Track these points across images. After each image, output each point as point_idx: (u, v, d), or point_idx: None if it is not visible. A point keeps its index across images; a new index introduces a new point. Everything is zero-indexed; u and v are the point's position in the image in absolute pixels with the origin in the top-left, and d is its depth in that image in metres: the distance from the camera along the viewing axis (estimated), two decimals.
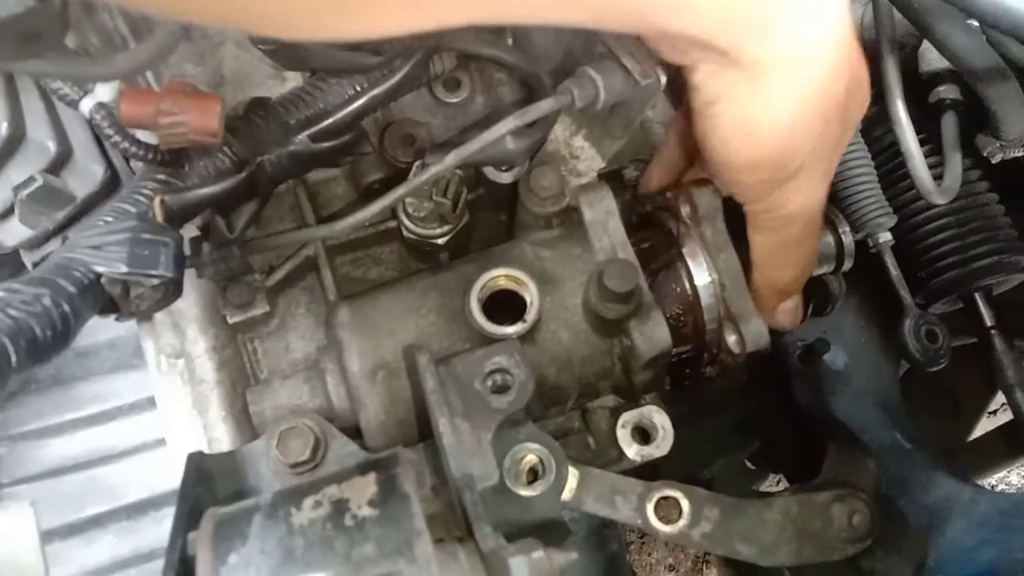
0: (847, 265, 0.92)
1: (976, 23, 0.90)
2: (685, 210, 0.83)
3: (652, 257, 0.84)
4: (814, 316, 0.98)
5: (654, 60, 0.76)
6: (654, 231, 0.86)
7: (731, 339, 0.81)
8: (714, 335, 0.83)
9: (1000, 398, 1.21)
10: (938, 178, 0.98)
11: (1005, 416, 1.42)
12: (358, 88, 0.75)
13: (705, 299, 0.82)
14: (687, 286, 0.82)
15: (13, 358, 0.55)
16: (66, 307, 0.59)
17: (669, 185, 0.87)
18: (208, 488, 0.68)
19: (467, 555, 0.54)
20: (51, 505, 1.10)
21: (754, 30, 0.63)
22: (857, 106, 0.73)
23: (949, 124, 1.03)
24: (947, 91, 1.04)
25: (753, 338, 0.80)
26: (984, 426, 1.47)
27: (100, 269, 0.63)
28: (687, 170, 0.88)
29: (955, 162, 1.00)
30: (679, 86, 0.83)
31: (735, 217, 0.82)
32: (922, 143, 0.95)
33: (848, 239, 0.91)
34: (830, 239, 0.90)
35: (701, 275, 0.82)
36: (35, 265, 0.87)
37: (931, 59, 1.04)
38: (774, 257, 0.81)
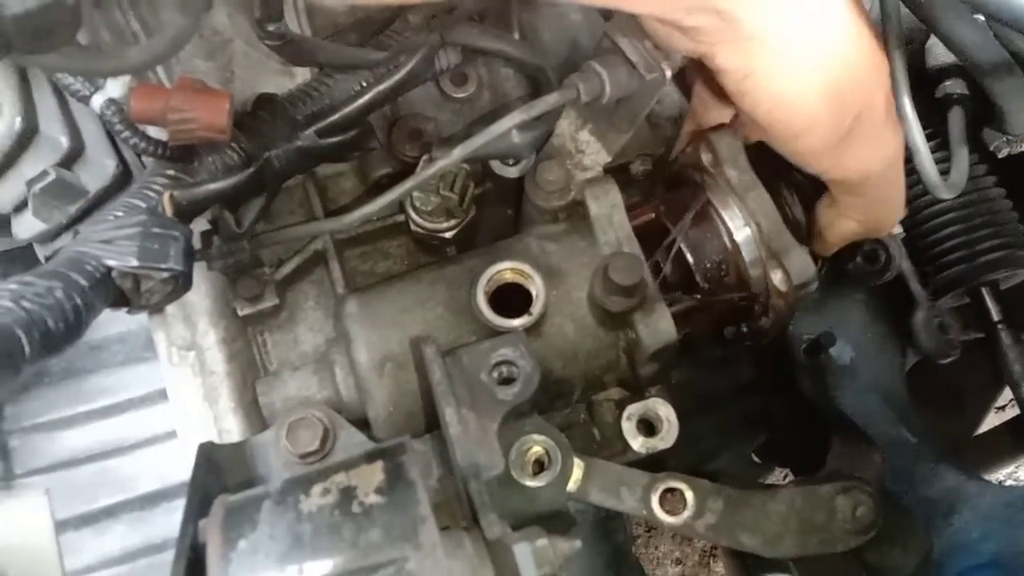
0: None
1: (982, 18, 0.90)
2: (707, 158, 0.82)
3: (681, 209, 0.83)
4: (871, 283, 0.98)
5: (659, 55, 0.77)
6: (682, 189, 0.86)
7: (777, 277, 0.79)
8: (760, 279, 0.81)
9: (1008, 393, 1.21)
10: (945, 173, 0.98)
11: (1013, 411, 1.42)
12: (364, 84, 0.76)
13: (743, 242, 0.81)
14: (723, 234, 0.82)
15: (27, 349, 0.56)
16: (78, 300, 0.60)
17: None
18: (218, 478, 0.69)
19: (472, 542, 0.55)
20: (64, 496, 1.11)
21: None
22: (883, 60, 0.74)
23: (956, 119, 1.02)
24: (954, 86, 1.03)
25: (798, 270, 0.78)
26: (991, 421, 1.47)
27: (111, 263, 0.64)
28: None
29: (962, 157, 1.00)
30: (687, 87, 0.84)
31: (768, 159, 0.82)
32: (929, 138, 0.95)
33: None
34: None
35: (735, 219, 0.81)
36: (48, 259, 0.88)
37: (938, 54, 1.04)
38: (875, 211, 0.81)
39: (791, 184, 0.86)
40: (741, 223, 0.81)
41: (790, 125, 0.72)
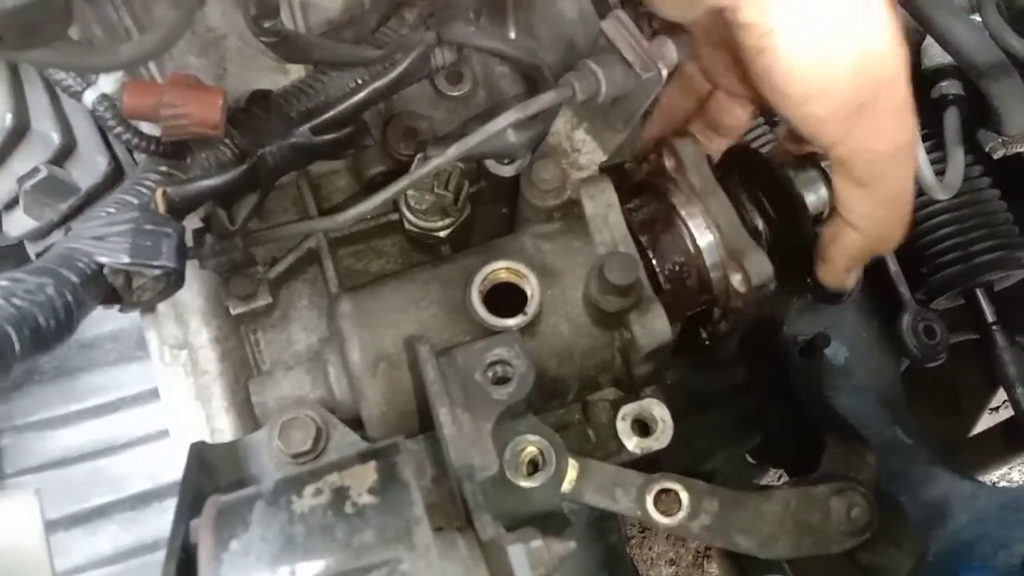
0: None
1: (979, 18, 0.90)
2: (670, 163, 0.83)
3: (650, 220, 0.84)
4: (829, 303, 0.98)
5: (656, 54, 0.77)
6: (648, 196, 0.87)
7: (736, 278, 0.80)
8: (720, 283, 0.82)
9: (1002, 394, 1.22)
10: (940, 174, 0.98)
11: (1007, 413, 1.42)
12: (359, 81, 0.75)
13: (705, 245, 0.82)
14: (686, 238, 0.82)
15: (16, 347, 0.55)
16: (69, 297, 0.60)
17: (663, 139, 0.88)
18: (210, 477, 0.68)
19: (466, 543, 0.55)
20: (55, 495, 1.10)
21: None
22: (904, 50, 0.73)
23: (951, 120, 1.03)
24: (949, 87, 1.04)
25: (756, 271, 0.79)
26: (986, 423, 1.47)
27: (103, 259, 0.63)
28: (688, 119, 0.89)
29: (957, 158, 1.00)
30: None
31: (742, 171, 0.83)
32: (924, 139, 0.96)
33: None
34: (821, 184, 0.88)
35: (697, 223, 0.82)
36: (39, 255, 0.88)
37: (934, 55, 1.05)
38: (877, 215, 0.79)
39: (753, 199, 0.86)
40: (703, 227, 0.82)
41: (808, 85, 0.71)
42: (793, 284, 0.91)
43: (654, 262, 0.83)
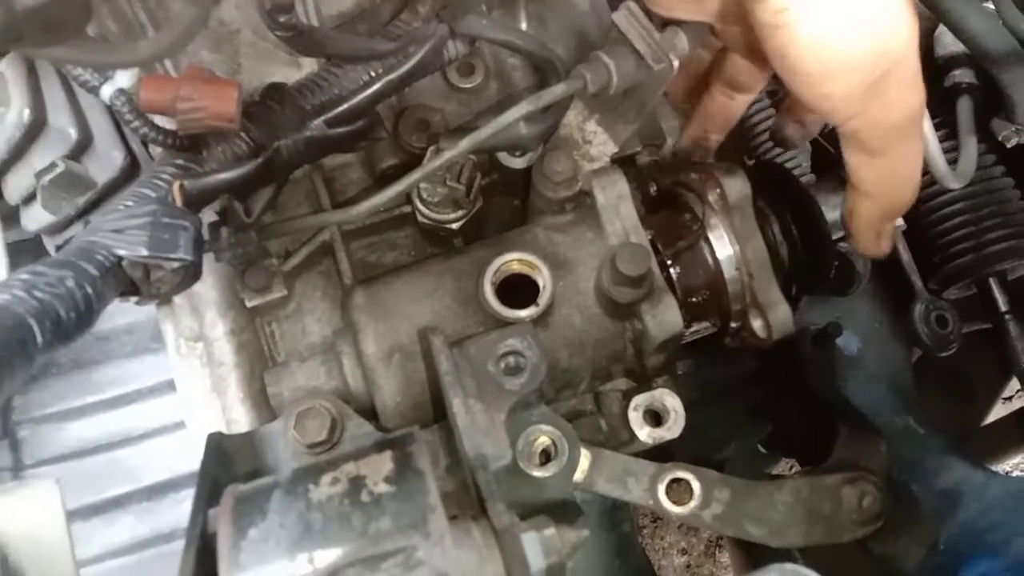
0: None
1: (991, 6, 0.90)
2: (713, 196, 0.83)
3: (675, 236, 0.84)
4: (838, 295, 0.98)
5: (667, 45, 0.77)
6: (676, 211, 0.87)
7: (756, 324, 0.82)
8: (738, 314, 0.83)
9: (1015, 384, 1.21)
10: (953, 163, 0.98)
11: (1020, 402, 1.42)
12: (373, 74, 0.76)
13: (731, 286, 0.82)
14: (711, 269, 0.83)
15: (39, 339, 0.56)
16: (89, 289, 0.60)
17: (696, 162, 0.88)
18: (227, 467, 0.69)
19: (480, 531, 0.55)
20: (73, 486, 1.12)
21: None
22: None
23: (964, 108, 1.02)
24: (962, 75, 1.03)
25: (780, 325, 0.81)
26: (998, 412, 1.47)
27: (122, 252, 0.64)
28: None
29: (970, 146, 1.00)
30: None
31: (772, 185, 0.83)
32: (937, 127, 0.95)
33: None
34: None
35: (727, 262, 0.82)
36: (57, 249, 0.89)
37: (946, 43, 1.04)
38: (889, 182, 0.78)
39: (784, 229, 0.86)
40: (733, 269, 0.82)
41: (820, 67, 0.69)
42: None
43: (677, 290, 0.83)
